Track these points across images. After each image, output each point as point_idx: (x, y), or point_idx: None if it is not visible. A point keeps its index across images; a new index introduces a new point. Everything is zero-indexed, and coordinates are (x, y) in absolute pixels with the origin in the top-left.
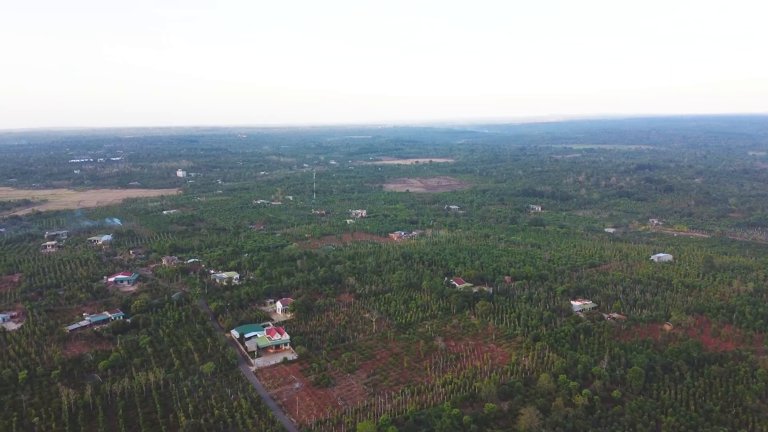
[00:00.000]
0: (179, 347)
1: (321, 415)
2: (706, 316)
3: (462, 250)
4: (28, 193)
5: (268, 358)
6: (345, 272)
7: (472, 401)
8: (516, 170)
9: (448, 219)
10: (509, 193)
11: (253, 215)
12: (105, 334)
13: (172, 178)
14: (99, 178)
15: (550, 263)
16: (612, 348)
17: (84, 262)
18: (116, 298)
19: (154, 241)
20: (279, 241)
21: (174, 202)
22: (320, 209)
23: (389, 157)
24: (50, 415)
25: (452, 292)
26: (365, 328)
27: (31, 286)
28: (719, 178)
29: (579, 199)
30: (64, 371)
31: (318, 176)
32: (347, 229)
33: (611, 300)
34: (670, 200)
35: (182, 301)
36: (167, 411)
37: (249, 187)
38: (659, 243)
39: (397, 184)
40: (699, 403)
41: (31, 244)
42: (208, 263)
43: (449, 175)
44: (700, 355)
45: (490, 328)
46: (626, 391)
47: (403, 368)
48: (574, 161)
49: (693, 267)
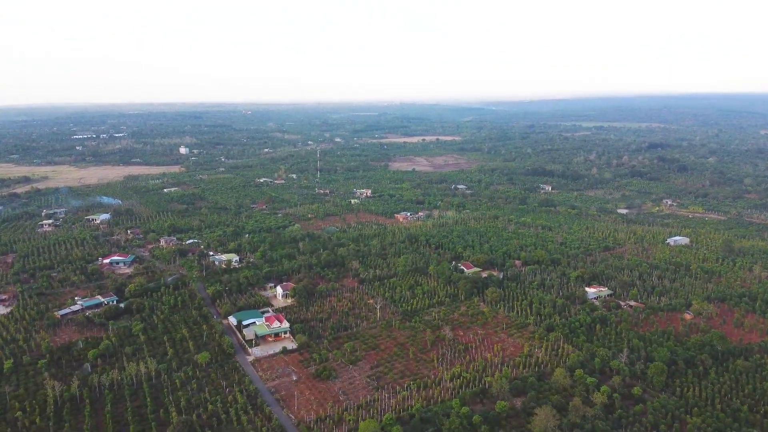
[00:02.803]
0: (173, 335)
1: (321, 411)
2: (728, 305)
3: (470, 232)
4: (29, 169)
5: (267, 348)
6: (348, 256)
7: (482, 397)
8: (525, 148)
9: (456, 199)
10: (518, 172)
11: (255, 194)
12: (97, 320)
13: (175, 154)
14: (101, 154)
15: (563, 246)
16: (631, 339)
17: (80, 243)
18: (111, 281)
19: (153, 221)
20: (281, 222)
21: (175, 179)
22: (324, 188)
23: (395, 134)
24: (35, 408)
25: (460, 278)
26: (369, 316)
27: (24, 268)
28: (733, 157)
29: (590, 178)
30: (51, 360)
31: (322, 154)
32: (351, 210)
33: (628, 287)
34: (684, 180)
35: (178, 284)
36: (158, 405)
37: (252, 165)
38: (675, 225)
39: (403, 162)
40: (725, 401)
41: (28, 222)
42: (208, 244)
43: (456, 153)
44: (725, 348)
45: (500, 317)
46: (647, 387)
47: (409, 359)
48: (584, 139)
49: (711, 251)
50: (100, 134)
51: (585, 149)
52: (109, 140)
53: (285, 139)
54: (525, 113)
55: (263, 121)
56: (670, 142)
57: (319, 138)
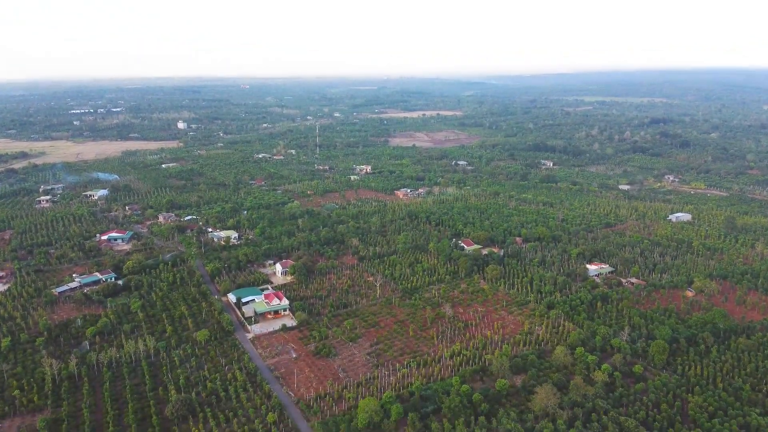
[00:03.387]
0: (172, 312)
1: (321, 389)
2: (730, 282)
3: (471, 209)
4: (27, 144)
5: (266, 325)
6: (348, 233)
7: (482, 375)
8: (526, 123)
9: (456, 176)
10: (519, 147)
11: (253, 170)
12: (95, 298)
13: (173, 129)
14: (99, 129)
15: (564, 223)
16: (632, 317)
17: (77, 219)
18: (109, 257)
19: (151, 197)
20: (280, 199)
21: (173, 155)
22: (323, 164)
23: (395, 109)
24: (32, 387)
25: (460, 255)
26: (369, 293)
27: (22, 244)
28: (735, 133)
29: (592, 154)
30: (49, 338)
31: (321, 129)
32: (351, 186)
33: (629, 264)
34: (686, 156)
35: (177, 261)
36: (157, 383)
37: (250, 140)
38: (676, 201)
39: (403, 138)
40: (727, 380)
41: (26, 198)
42: (206, 221)
43: (457, 128)
44: (727, 326)
45: (500, 294)
46: (648, 365)
47: (409, 337)
48: (585, 114)
49: (713, 228)
50: (98, 109)
51: (587, 124)
52: (107, 115)
53: (284, 114)
54: (527, 88)
55: (262, 95)
56: (673, 117)
57: (318, 113)
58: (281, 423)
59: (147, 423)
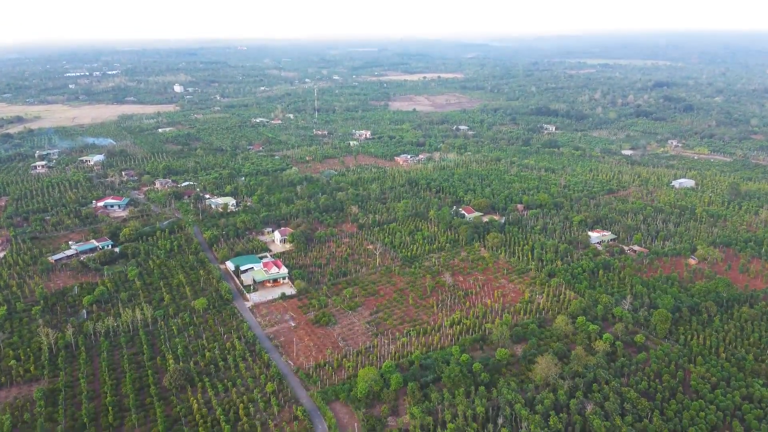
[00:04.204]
0: (170, 280)
1: (320, 358)
2: (734, 250)
3: (471, 175)
4: (22, 109)
5: (265, 293)
6: (347, 200)
7: (482, 344)
8: (529, 86)
9: (457, 141)
10: (522, 111)
11: (251, 135)
12: (91, 265)
13: (170, 93)
14: (94, 93)
15: (566, 190)
16: (634, 286)
17: (73, 185)
18: (105, 224)
19: (148, 162)
20: (278, 165)
21: (170, 119)
22: (322, 129)
23: (395, 72)
24: (29, 356)
25: (461, 223)
26: (368, 262)
27: (17, 211)
28: (740, 97)
29: (595, 118)
30: (46, 307)
31: (320, 93)
32: (350, 152)
33: (631, 231)
34: (690, 120)
35: (174, 228)
36: (154, 352)
37: (248, 104)
38: (680, 167)
39: (403, 101)
40: (730, 350)
41: (21, 164)
42: (204, 187)
43: (458, 91)
44: (730, 295)
45: (501, 262)
46: (650, 335)
47: (408, 305)
48: (588, 77)
49: (717, 194)
50: (93, 72)
51: (590, 88)
52: (103, 78)
53: (281, 77)
54: (529, 50)
55: (259, 57)
56: (676, 80)
57: (316, 75)
58: (280, 392)
59: (145, 393)
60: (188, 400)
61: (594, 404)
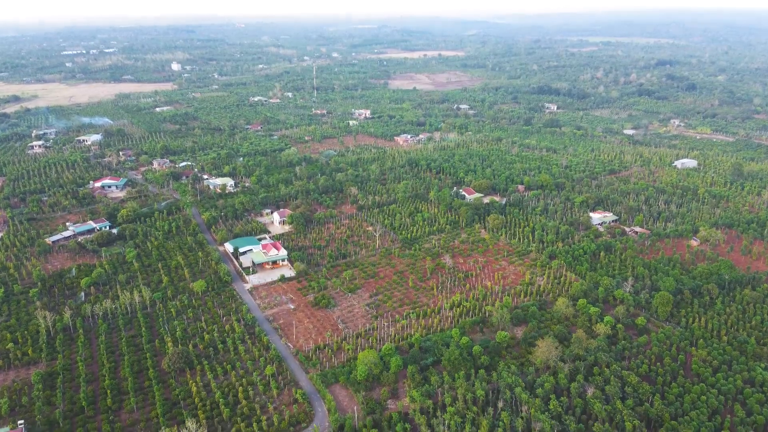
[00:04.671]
0: (168, 262)
1: (320, 340)
2: (736, 231)
3: (472, 156)
4: (19, 87)
5: (264, 275)
6: (347, 181)
7: (482, 326)
8: (530, 65)
9: (458, 120)
10: (523, 90)
11: (249, 114)
12: (89, 247)
13: (167, 71)
14: (91, 71)
15: (567, 170)
16: (635, 267)
17: (71, 165)
18: (103, 205)
19: (146, 142)
20: (277, 145)
21: (168, 98)
22: (321, 108)
23: (395, 49)
24: (27, 339)
25: (461, 204)
26: (368, 243)
27: (14, 192)
28: (743, 76)
29: (597, 97)
30: (43, 289)
31: (319, 71)
32: (350, 132)
33: (633, 212)
34: (692, 99)
35: (172, 209)
36: (153, 335)
37: (246, 82)
38: (682, 147)
39: (403, 80)
40: (732, 333)
41: (18, 144)
42: (202, 167)
43: (459, 70)
44: (732, 278)
45: (501, 244)
46: (652, 317)
47: (408, 288)
48: (591, 55)
49: (719, 175)
50: (90, 50)
51: (592, 66)
52: (99, 56)
53: (280, 55)
54: (531, 27)
55: (257, 35)
56: (679, 59)
57: (315, 53)
58: (280, 375)
59: (144, 375)
60: (187, 383)
61: (595, 388)
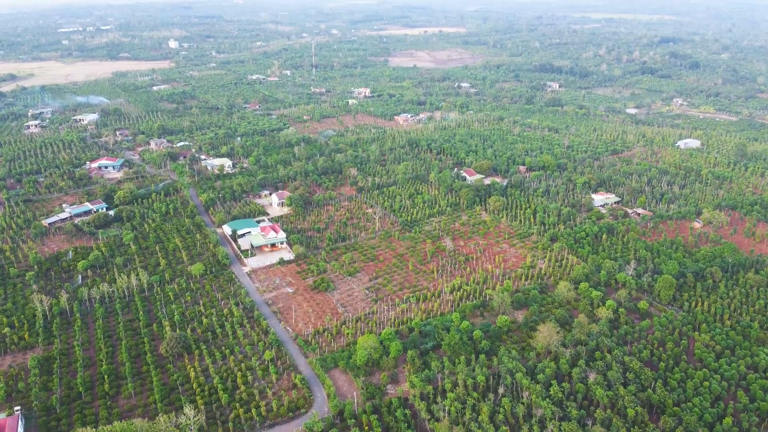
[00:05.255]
0: (166, 244)
1: (319, 324)
2: (739, 213)
3: (473, 136)
4: (15, 66)
5: (263, 258)
6: (346, 162)
7: (483, 310)
8: (532, 42)
9: (459, 99)
10: (525, 68)
11: (247, 93)
12: (86, 229)
13: (164, 49)
14: (88, 49)
15: (569, 150)
16: (638, 250)
17: (67, 145)
18: (99, 186)
19: (143, 122)
20: (275, 124)
21: (165, 76)
22: (320, 87)
23: (395, 25)
24: (23, 323)
25: (462, 186)
26: (368, 226)
27: (10, 172)
28: (746, 54)
29: (599, 75)
30: (40, 272)
31: (318, 48)
32: (349, 111)
33: (636, 193)
34: (695, 78)
35: (170, 191)
36: (151, 319)
37: (244, 60)
38: (685, 126)
39: (403, 57)
40: (735, 317)
41: (14, 123)
42: (199, 147)
43: (460, 47)
44: (736, 261)
45: (502, 226)
46: (654, 301)
47: (408, 271)
48: (593, 32)
49: (723, 155)
50: (87, 27)
51: (594, 43)
52: (96, 34)
53: (278, 31)
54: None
55: (255, 11)
56: (682, 36)
57: (314, 30)
58: (279, 360)
59: (141, 360)
60: (185, 368)
61: (596, 373)
